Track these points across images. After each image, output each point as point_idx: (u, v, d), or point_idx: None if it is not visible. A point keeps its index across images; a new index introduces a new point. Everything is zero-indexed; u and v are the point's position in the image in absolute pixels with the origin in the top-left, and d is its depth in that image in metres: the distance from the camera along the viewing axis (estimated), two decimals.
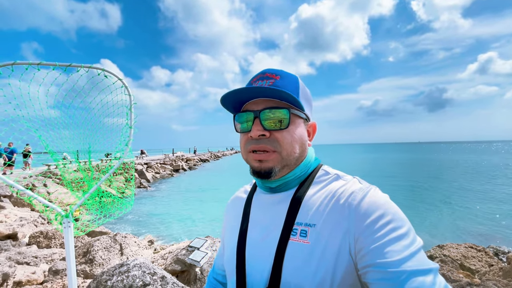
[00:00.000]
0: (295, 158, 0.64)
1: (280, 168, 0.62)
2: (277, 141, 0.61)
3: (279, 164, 0.62)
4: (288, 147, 0.62)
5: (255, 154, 0.63)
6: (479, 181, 16.95)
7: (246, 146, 0.64)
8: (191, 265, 3.36)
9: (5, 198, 7.56)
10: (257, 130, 0.61)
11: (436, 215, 9.66)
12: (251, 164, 0.65)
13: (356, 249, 0.51)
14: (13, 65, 1.28)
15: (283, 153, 0.62)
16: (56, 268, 3.30)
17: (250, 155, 0.64)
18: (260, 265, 0.60)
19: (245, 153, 0.66)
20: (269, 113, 0.61)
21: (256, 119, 0.62)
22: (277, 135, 0.61)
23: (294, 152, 0.63)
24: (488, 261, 4.42)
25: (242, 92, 0.62)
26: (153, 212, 10.71)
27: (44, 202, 1.58)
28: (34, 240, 4.65)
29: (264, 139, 0.62)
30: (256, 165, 0.63)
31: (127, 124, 1.66)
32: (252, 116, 0.63)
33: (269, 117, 0.61)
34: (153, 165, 22.97)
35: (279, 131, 0.61)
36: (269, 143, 0.61)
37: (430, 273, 0.46)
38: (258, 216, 0.67)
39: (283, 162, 0.62)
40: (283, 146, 0.61)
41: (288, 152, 0.62)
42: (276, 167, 0.62)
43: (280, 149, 0.61)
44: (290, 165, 0.64)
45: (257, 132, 0.61)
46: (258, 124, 0.61)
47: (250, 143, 0.63)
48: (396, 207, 0.54)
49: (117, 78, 1.58)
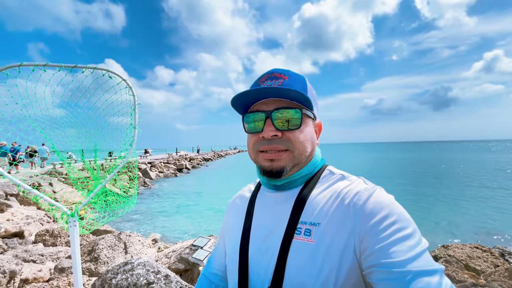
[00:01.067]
0: (306, 157, 0.64)
1: (291, 167, 0.63)
2: (290, 140, 0.62)
3: (290, 163, 0.62)
4: (300, 147, 0.62)
5: (265, 154, 0.63)
6: (485, 180, 16.74)
7: (256, 146, 0.64)
8: (195, 264, 3.38)
9: (11, 196, 7.67)
10: (270, 131, 0.61)
11: (441, 214, 9.57)
12: (261, 164, 0.64)
13: (361, 249, 0.51)
14: (19, 67, 1.30)
15: (296, 152, 0.62)
16: (62, 266, 3.34)
17: (260, 154, 0.64)
18: (263, 264, 0.60)
19: (253, 153, 0.66)
20: (280, 113, 0.61)
21: (267, 119, 0.61)
22: (289, 135, 0.62)
23: (305, 151, 0.63)
24: (494, 262, 4.36)
25: (254, 93, 0.62)
26: (157, 211, 10.78)
27: (50, 201, 1.60)
28: (40, 238, 4.72)
29: (276, 139, 0.62)
30: (267, 164, 0.63)
31: (131, 125, 1.67)
32: (263, 116, 0.62)
33: (281, 118, 0.61)
34: (156, 164, 23.10)
35: (291, 131, 0.62)
36: (282, 143, 0.61)
37: (436, 274, 0.46)
38: (262, 215, 0.67)
39: (294, 161, 0.62)
40: (296, 146, 0.62)
41: (300, 151, 0.62)
42: (287, 166, 0.62)
43: (292, 148, 0.62)
44: (301, 164, 0.64)
45: (270, 133, 0.61)
46: (270, 125, 0.61)
47: (261, 144, 0.63)
48: (401, 207, 0.54)
49: (121, 79, 1.60)
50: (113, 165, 1.91)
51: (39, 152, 12.16)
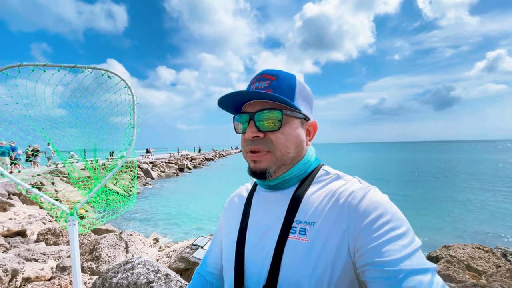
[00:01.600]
0: (290, 158, 0.64)
1: (275, 168, 0.63)
2: (271, 141, 0.62)
3: (273, 164, 0.63)
4: (282, 148, 0.62)
5: (251, 154, 0.64)
6: (487, 180, 16.63)
7: (245, 147, 0.66)
8: (195, 263, 3.39)
9: (14, 196, 7.73)
10: (251, 132, 0.63)
11: (443, 215, 9.53)
12: (248, 164, 0.67)
13: (355, 248, 0.52)
14: (19, 67, 1.31)
15: (277, 154, 0.63)
16: (64, 265, 3.36)
17: (248, 155, 0.65)
18: (258, 262, 0.60)
19: (244, 153, 0.68)
20: (262, 114, 0.62)
21: (251, 121, 0.63)
22: (271, 136, 0.62)
23: (288, 152, 0.63)
24: (496, 262, 4.34)
25: (238, 96, 0.63)
26: (158, 211, 10.82)
27: (50, 200, 1.61)
28: (42, 237, 4.75)
29: (259, 140, 0.63)
30: (252, 165, 0.65)
31: (130, 124, 1.68)
32: (247, 117, 0.64)
33: (263, 119, 0.62)
34: (158, 164, 23.18)
35: (272, 132, 0.62)
36: (263, 144, 0.63)
37: (428, 272, 0.46)
38: (258, 214, 0.68)
39: (278, 163, 0.63)
40: (277, 147, 0.62)
41: (282, 153, 0.63)
42: (270, 167, 0.63)
43: (274, 149, 0.62)
44: (286, 164, 0.64)
45: (251, 134, 0.63)
46: (252, 126, 0.63)
47: (247, 144, 0.65)
48: (395, 207, 0.54)
49: (120, 79, 1.61)
50: (113, 164, 1.92)
51: (46, 152, 12.27)
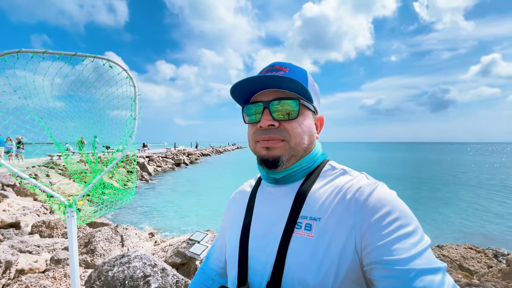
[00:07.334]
0: (303, 149, 0.64)
1: (287, 157, 0.62)
2: (286, 131, 0.61)
3: (286, 153, 0.62)
4: (297, 137, 0.62)
5: (263, 142, 0.63)
6: (480, 182, 16.87)
7: (255, 137, 0.64)
8: (191, 258, 3.39)
9: (8, 187, 7.63)
10: (267, 120, 0.61)
11: (436, 215, 9.65)
12: (258, 152, 0.65)
13: (362, 245, 0.50)
14: (18, 53, 1.27)
15: (292, 143, 0.62)
16: (58, 257, 3.34)
17: (258, 144, 0.64)
18: (263, 259, 0.59)
19: (253, 144, 0.66)
20: (278, 104, 0.61)
21: (265, 109, 0.62)
22: (286, 125, 0.61)
23: (302, 142, 0.63)
24: (488, 263, 4.41)
25: (253, 82, 0.61)
26: (154, 205, 10.78)
27: (48, 191, 1.58)
28: (37, 229, 4.70)
29: (273, 129, 0.62)
30: (264, 153, 0.63)
31: (131, 116, 1.65)
32: (261, 107, 0.63)
33: (279, 108, 0.61)
34: (155, 158, 23.05)
35: (288, 121, 0.61)
36: (278, 133, 0.61)
37: (439, 272, 0.45)
38: (262, 210, 0.67)
39: (291, 152, 0.62)
40: (292, 136, 0.61)
41: (297, 142, 0.62)
42: (283, 156, 0.61)
43: (289, 138, 0.61)
44: (297, 155, 0.64)
45: (266, 122, 0.61)
46: (267, 114, 0.61)
47: (258, 134, 0.63)
48: (404, 204, 0.53)
49: (122, 69, 1.57)
50: (111, 158, 1.90)
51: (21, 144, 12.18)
